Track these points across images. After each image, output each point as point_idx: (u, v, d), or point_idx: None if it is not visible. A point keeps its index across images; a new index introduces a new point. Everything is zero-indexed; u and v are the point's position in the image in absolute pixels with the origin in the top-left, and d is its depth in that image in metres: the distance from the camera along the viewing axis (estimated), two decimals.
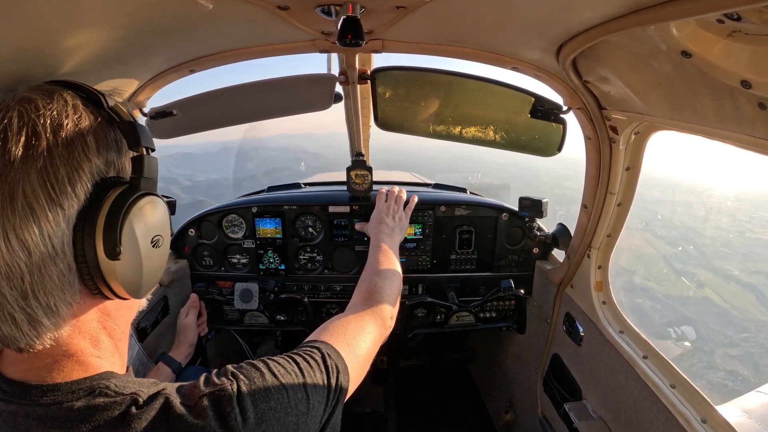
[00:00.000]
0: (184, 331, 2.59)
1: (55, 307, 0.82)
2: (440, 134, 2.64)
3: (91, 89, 0.93)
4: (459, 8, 1.45)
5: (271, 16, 1.48)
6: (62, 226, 0.81)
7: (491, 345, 3.91)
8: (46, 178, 0.78)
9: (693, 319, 35.84)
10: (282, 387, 1.03)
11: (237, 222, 3.02)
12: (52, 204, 0.79)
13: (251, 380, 1.00)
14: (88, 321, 0.91)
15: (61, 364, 0.88)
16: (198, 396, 0.94)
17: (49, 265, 0.80)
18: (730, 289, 44.36)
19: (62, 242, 0.81)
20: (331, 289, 3.11)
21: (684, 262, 51.65)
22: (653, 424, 1.84)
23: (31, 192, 0.77)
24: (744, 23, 0.98)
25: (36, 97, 0.83)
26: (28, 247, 0.77)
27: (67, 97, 0.87)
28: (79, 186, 0.83)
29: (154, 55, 1.73)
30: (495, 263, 3.08)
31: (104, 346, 0.95)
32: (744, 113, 1.19)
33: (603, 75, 1.69)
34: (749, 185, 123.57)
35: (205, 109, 2.49)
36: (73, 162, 0.82)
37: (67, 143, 0.82)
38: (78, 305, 0.87)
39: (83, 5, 1.03)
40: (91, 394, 0.86)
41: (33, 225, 0.77)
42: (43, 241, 0.78)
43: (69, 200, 0.81)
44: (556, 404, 2.63)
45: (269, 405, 0.98)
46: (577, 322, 2.47)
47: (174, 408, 0.89)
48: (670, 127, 1.67)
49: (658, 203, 68.43)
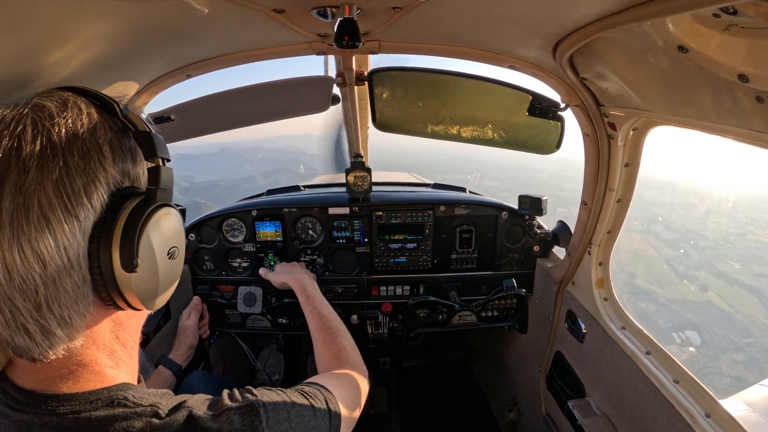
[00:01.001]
0: (185, 333, 2.58)
1: (68, 319, 0.81)
2: (438, 134, 2.64)
3: (105, 97, 0.91)
4: (454, 8, 1.45)
5: (267, 19, 1.48)
6: (78, 237, 0.79)
7: (493, 344, 3.91)
8: (62, 189, 0.77)
9: (697, 324, 35.81)
10: (300, 410, 1.09)
11: (237, 226, 3.02)
12: (69, 215, 0.78)
13: (274, 401, 1.04)
14: (102, 331, 0.91)
15: (77, 375, 0.88)
16: (223, 409, 0.96)
17: (64, 277, 0.79)
18: (733, 292, 44.31)
19: (77, 254, 0.80)
20: (333, 291, 3.11)
21: (686, 265, 51.65)
22: (657, 420, 1.84)
23: (47, 203, 0.75)
24: (740, 17, 0.98)
25: (50, 105, 0.82)
26: (43, 260, 0.76)
27: (82, 105, 0.86)
28: (95, 197, 0.81)
29: (150, 60, 1.73)
30: (496, 262, 3.08)
31: (118, 356, 0.95)
32: (742, 107, 1.19)
33: (600, 71, 1.69)
34: (747, 185, 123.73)
35: (202, 113, 2.48)
36: (89, 173, 0.81)
37: (83, 153, 0.81)
38: (91, 316, 0.87)
39: (79, 12, 1.03)
40: (110, 404, 0.86)
41: (49, 237, 0.76)
42: (59, 253, 0.77)
43: (85, 212, 0.80)
44: (560, 402, 2.62)
45: (291, 425, 1.03)
46: (579, 319, 2.47)
47: (199, 420, 0.91)
48: (669, 123, 1.67)
49: (658, 205, 68.46)
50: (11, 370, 0.90)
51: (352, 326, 2.89)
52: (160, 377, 2.31)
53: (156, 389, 0.96)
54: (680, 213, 75.53)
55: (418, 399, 4.13)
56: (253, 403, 0.99)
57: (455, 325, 2.98)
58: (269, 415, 0.99)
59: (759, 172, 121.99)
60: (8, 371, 0.90)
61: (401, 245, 3.03)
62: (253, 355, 3.12)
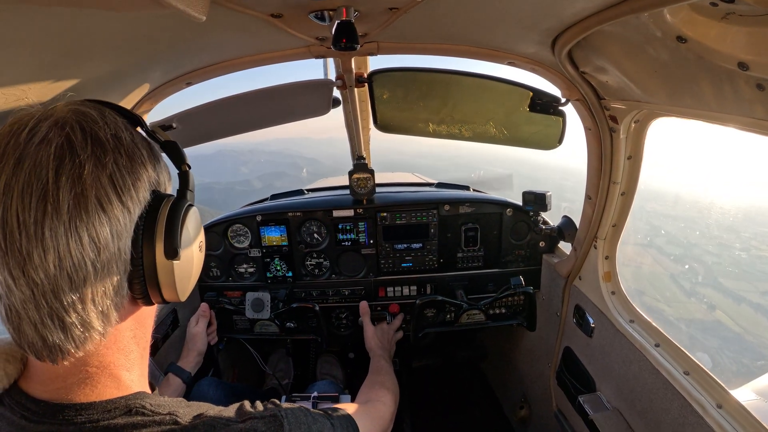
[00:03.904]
0: (193, 340, 2.59)
1: (107, 310, 0.85)
2: (440, 133, 2.64)
3: (128, 111, 0.98)
4: (451, 6, 1.45)
5: (265, 25, 1.49)
6: (128, 227, 0.86)
7: (502, 342, 3.90)
8: (116, 182, 0.83)
9: (707, 346, 35.29)
10: (321, 428, 1.13)
11: (242, 231, 3.03)
12: (122, 206, 0.84)
13: (297, 416, 1.08)
14: (124, 329, 0.94)
15: (94, 380, 0.89)
16: (247, 417, 1.00)
17: (113, 265, 0.83)
18: (741, 312, 43.62)
19: (126, 243, 0.86)
20: (340, 293, 3.12)
21: (692, 282, 51.01)
22: (668, 412, 1.83)
23: (103, 194, 0.81)
24: (738, 5, 0.97)
25: (90, 112, 0.87)
26: (98, 246, 0.80)
27: (117, 117, 0.92)
28: (141, 193, 0.88)
29: (150, 69, 1.74)
30: (502, 259, 3.08)
31: (133, 356, 0.97)
32: (743, 95, 1.18)
33: (599, 65, 1.69)
34: (749, 197, 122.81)
35: (203, 120, 2.50)
36: (135, 172, 0.88)
37: (129, 154, 0.87)
38: (123, 310, 0.90)
39: (79, 24, 1.04)
40: (127, 413, 0.88)
41: (105, 225, 0.80)
42: (113, 239, 0.82)
43: (134, 204, 0.87)
44: (570, 397, 2.61)
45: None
46: (587, 313, 2.46)
47: (221, 428, 0.94)
48: (670, 114, 1.67)
49: (661, 217, 67.92)
50: (25, 382, 0.91)
51: (360, 328, 2.90)
52: (170, 385, 2.31)
53: (170, 398, 0.98)
54: (682, 226, 75.12)
55: (428, 399, 4.13)
56: (277, 414, 1.03)
57: (463, 324, 2.97)
58: (292, 428, 1.02)
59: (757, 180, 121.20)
60: (21, 382, 0.91)
61: (407, 245, 3.03)
62: (262, 360, 3.13)
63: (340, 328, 3.23)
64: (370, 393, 2.08)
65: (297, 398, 2.51)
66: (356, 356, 3.84)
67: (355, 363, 3.83)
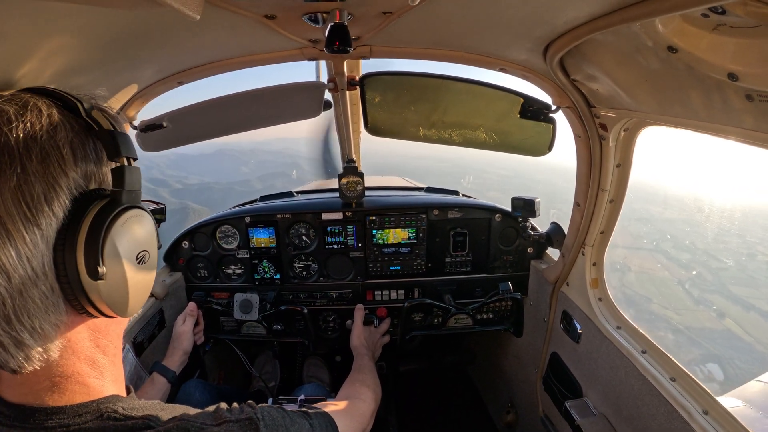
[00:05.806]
0: (179, 338, 2.55)
1: (41, 329, 0.79)
2: (431, 138, 2.64)
3: (67, 96, 0.87)
4: (445, 12, 1.46)
5: (259, 26, 1.48)
6: (41, 246, 0.77)
7: (489, 346, 3.91)
8: (20, 197, 0.74)
9: (717, 356, 35.30)
10: (300, 429, 1.12)
11: (230, 232, 3.00)
12: (29, 224, 0.74)
13: (274, 417, 1.05)
14: (80, 340, 0.88)
15: (62, 387, 0.86)
16: (222, 420, 0.96)
17: (30, 287, 0.76)
18: (750, 319, 43.71)
19: (42, 263, 0.77)
20: (328, 296, 3.10)
21: (700, 288, 51.09)
22: (655, 418, 1.85)
23: (5, 212, 0.72)
24: (729, 16, 0.99)
25: (8, 109, 0.78)
26: (6, 272, 0.73)
27: (42, 107, 0.82)
28: (56, 203, 0.78)
29: (142, 67, 1.73)
30: (490, 264, 3.09)
31: (100, 364, 0.92)
32: (732, 105, 1.20)
33: (590, 73, 1.70)
34: (753, 201, 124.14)
35: (194, 120, 2.48)
36: (49, 178, 0.77)
37: (41, 157, 0.77)
38: (65, 325, 0.84)
39: (68, 21, 1.03)
40: (99, 417, 0.85)
41: (9, 248, 0.73)
42: (22, 264, 0.74)
43: (46, 219, 0.77)
44: (557, 403, 2.62)
45: None
46: (574, 319, 2.47)
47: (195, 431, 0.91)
48: (660, 123, 1.68)
49: (667, 222, 68.21)
50: None
51: (347, 331, 2.89)
52: (155, 385, 2.28)
53: (147, 401, 0.95)
54: (688, 230, 75.75)
55: (415, 403, 4.12)
56: (252, 417, 1.00)
57: (451, 328, 2.97)
58: (268, 430, 1.00)
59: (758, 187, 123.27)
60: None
61: (395, 249, 3.03)
62: (248, 362, 3.10)
63: (327, 331, 3.21)
64: (351, 390, 2.08)
65: (284, 401, 2.49)
66: (343, 359, 3.82)
67: (342, 366, 3.81)
